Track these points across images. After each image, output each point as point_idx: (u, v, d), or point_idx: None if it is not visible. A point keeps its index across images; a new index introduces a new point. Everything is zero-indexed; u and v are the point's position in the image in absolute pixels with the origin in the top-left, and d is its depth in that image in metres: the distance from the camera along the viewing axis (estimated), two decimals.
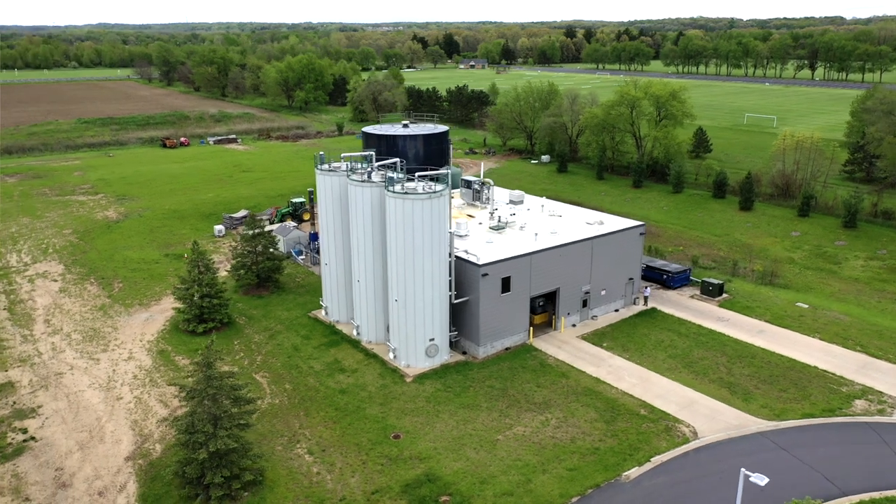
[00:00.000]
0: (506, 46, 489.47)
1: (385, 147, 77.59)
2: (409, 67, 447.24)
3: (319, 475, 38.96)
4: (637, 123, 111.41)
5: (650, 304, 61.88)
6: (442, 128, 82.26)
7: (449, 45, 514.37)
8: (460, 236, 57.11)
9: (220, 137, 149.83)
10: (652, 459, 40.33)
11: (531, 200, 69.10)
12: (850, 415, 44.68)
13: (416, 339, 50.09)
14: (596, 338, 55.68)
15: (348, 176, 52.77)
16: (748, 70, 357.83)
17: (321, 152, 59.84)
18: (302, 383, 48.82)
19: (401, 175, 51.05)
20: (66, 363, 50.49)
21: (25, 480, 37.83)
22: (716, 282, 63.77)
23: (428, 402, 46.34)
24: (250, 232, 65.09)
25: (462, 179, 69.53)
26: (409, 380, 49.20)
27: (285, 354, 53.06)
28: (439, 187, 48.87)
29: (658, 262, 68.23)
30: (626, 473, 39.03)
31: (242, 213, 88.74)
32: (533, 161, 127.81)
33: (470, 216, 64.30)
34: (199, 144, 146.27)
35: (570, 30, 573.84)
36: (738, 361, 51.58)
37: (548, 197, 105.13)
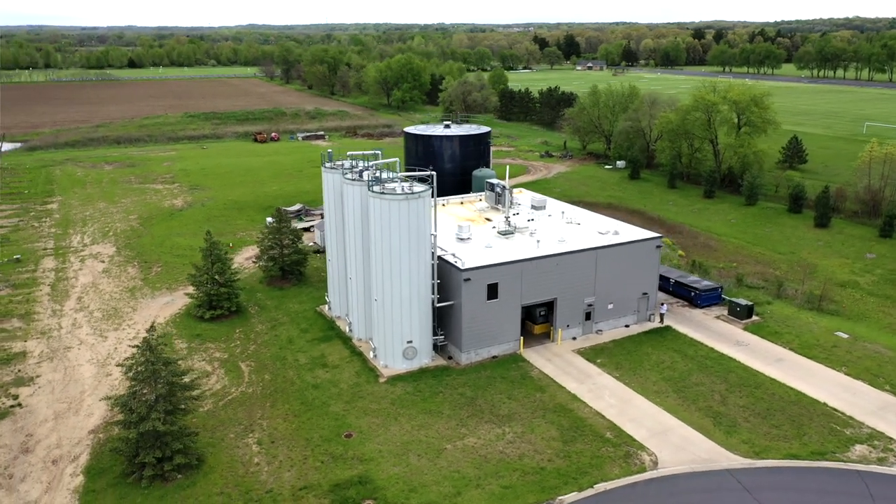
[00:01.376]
0: (627, 48, 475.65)
1: (421, 147, 78.10)
2: (524, 68, 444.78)
3: (258, 466, 39.73)
4: (714, 130, 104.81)
5: (666, 322, 58.22)
6: (483, 129, 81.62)
7: (570, 46, 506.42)
8: (462, 239, 56.26)
9: (308, 134, 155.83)
10: (595, 486, 38.01)
11: (554, 206, 66.82)
12: (842, 460, 40.02)
13: (393, 340, 49.88)
14: (592, 353, 53.07)
15: (343, 174, 53.33)
16: (893, 75, 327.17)
17: (329, 150, 60.83)
18: (281, 375, 49.93)
19: (390, 174, 50.97)
20: (78, 339, 54.47)
21: None
22: (744, 303, 58.97)
23: (392, 405, 46.04)
24: (276, 225, 67.31)
25: (486, 182, 68.35)
26: (382, 380, 49.09)
27: (278, 346, 54.46)
28: (419, 188, 48.37)
29: (689, 278, 64.02)
30: (560, 498, 37.02)
31: (297, 206, 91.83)
32: (607, 166, 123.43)
33: (487, 219, 63.13)
34: (288, 140, 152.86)
35: (699, 31, 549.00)
36: (738, 390, 47.47)
37: (610, 204, 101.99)
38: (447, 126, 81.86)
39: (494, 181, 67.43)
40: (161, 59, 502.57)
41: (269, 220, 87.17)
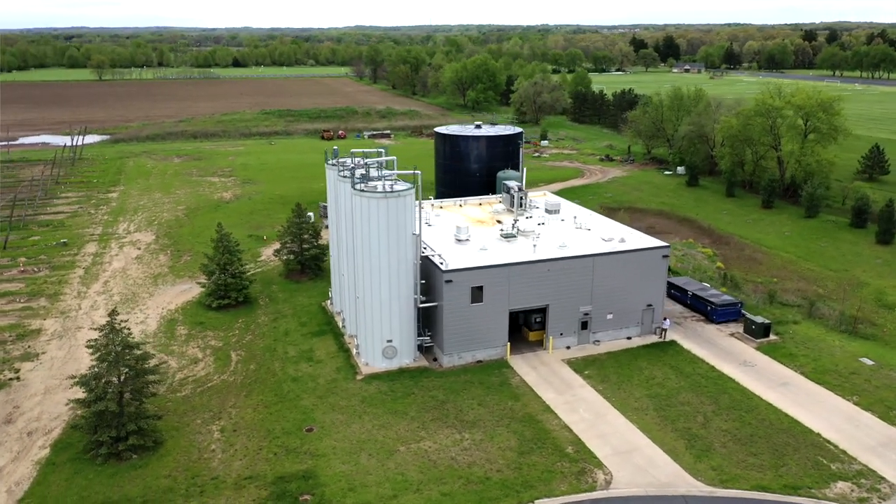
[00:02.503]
0: (729, 50, 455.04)
1: (449, 147, 77.76)
2: (617, 70, 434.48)
3: (213, 453, 40.65)
4: (778, 136, 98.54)
5: (674, 336, 55.20)
6: (514, 130, 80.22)
7: (668, 48, 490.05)
8: (460, 241, 55.52)
9: (375, 132, 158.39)
10: (536, 501, 36.55)
11: (568, 210, 64.73)
12: (816, 497, 36.67)
13: (373, 338, 49.85)
14: (582, 364, 51.08)
15: (338, 171, 53.77)
16: None
17: (335, 147, 61.42)
18: (266, 366, 50.93)
19: (379, 173, 50.89)
20: (91, 320, 57.60)
21: None
22: (760, 320, 55.14)
23: (361, 402, 46.01)
24: (296, 220, 68.77)
25: (503, 185, 67.11)
26: (359, 378, 49.16)
27: (273, 337, 55.58)
28: (401, 187, 48.09)
29: (709, 291, 60.52)
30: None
31: None
32: (667, 172, 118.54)
33: (498, 221, 61.99)
34: (354, 138, 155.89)
35: (810, 32, 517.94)
36: (726, 413, 44.42)
37: (661, 211, 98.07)
38: (478, 126, 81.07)
39: (510, 183, 66.13)
40: (264, 58, 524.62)
41: (309, 214, 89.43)
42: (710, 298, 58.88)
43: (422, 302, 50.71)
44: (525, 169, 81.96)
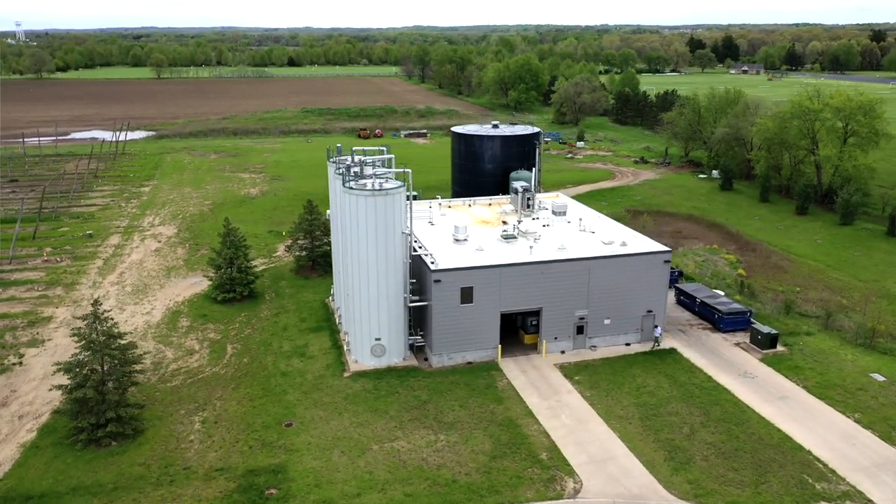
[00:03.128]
0: (791, 50, 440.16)
1: (464, 147, 77.30)
2: (672, 71, 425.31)
3: (190, 443, 41.31)
4: (815, 140, 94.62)
5: (675, 344, 53.58)
6: (532, 130, 79.21)
7: (727, 48, 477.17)
8: (458, 241, 55.09)
9: (411, 131, 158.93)
10: None
11: (576, 212, 63.47)
12: None
13: (362, 336, 49.92)
14: (574, 369, 50.02)
15: (336, 169, 54.01)
16: None
17: (339, 144, 61.68)
18: (259, 360, 51.53)
19: (373, 171, 50.88)
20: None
21: None
22: (766, 330, 53.02)
23: (344, 400, 46.10)
24: (308, 216, 69.47)
25: (511, 185, 66.28)
26: (346, 375, 49.27)
27: (271, 332, 56.22)
28: (390, 186, 47.97)
29: (718, 299, 58.50)
30: None
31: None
32: (701, 175, 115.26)
33: (504, 222, 61.25)
34: (391, 137, 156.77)
35: (879, 32, 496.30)
36: (714, 426, 42.82)
37: (691, 216, 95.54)
38: (495, 126, 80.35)
39: (518, 184, 65.29)
40: (318, 58, 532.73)
41: (329, 211, 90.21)
42: (718, 306, 56.92)
43: (412, 301, 50.56)
44: (541, 170, 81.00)
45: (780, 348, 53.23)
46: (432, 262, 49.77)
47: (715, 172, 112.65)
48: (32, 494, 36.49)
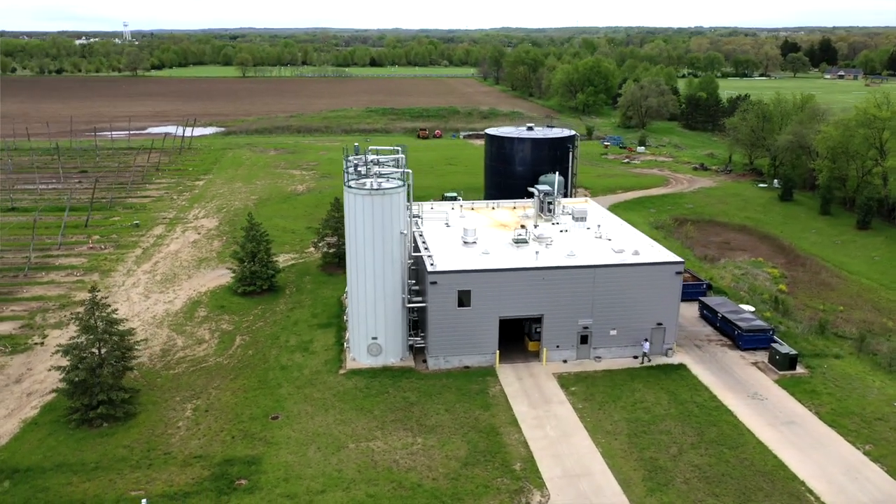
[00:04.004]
0: (894, 54, 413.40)
1: (496, 149, 76.75)
2: (762, 75, 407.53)
3: (177, 430, 42.56)
4: (885, 150, 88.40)
5: (685, 359, 51.27)
6: (567, 133, 77.69)
7: (824, 51, 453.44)
8: (467, 243, 54.56)
9: (470, 133, 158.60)
10: None
11: (597, 218, 61.62)
12: None
13: (359, 334, 50.17)
14: (573, 379, 48.59)
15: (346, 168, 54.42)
16: None
17: (356, 143, 62.02)
18: (263, 353, 52.56)
19: (378, 170, 51.03)
20: (127, 295, 62.10)
21: (4, 369, 48.98)
22: (785, 350, 49.96)
23: (334, 396, 46.45)
24: (335, 214, 70.44)
25: (536, 189, 65.04)
26: (342, 372, 49.61)
27: (281, 326, 57.29)
28: (389, 186, 47.96)
29: (741, 315, 55.53)
30: None
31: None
32: (762, 185, 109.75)
33: (522, 226, 60.23)
34: (449, 138, 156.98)
35: None
36: (705, 448, 40.68)
37: (744, 227, 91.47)
38: (530, 129, 79.28)
39: (540, 187, 64.04)
40: (399, 58, 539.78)
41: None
42: (738, 322, 54.04)
43: (410, 302, 50.44)
44: (576, 174, 79.47)
45: (800, 370, 50.06)
46: (432, 264, 49.53)
47: (776, 182, 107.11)
48: (20, 468, 38.51)
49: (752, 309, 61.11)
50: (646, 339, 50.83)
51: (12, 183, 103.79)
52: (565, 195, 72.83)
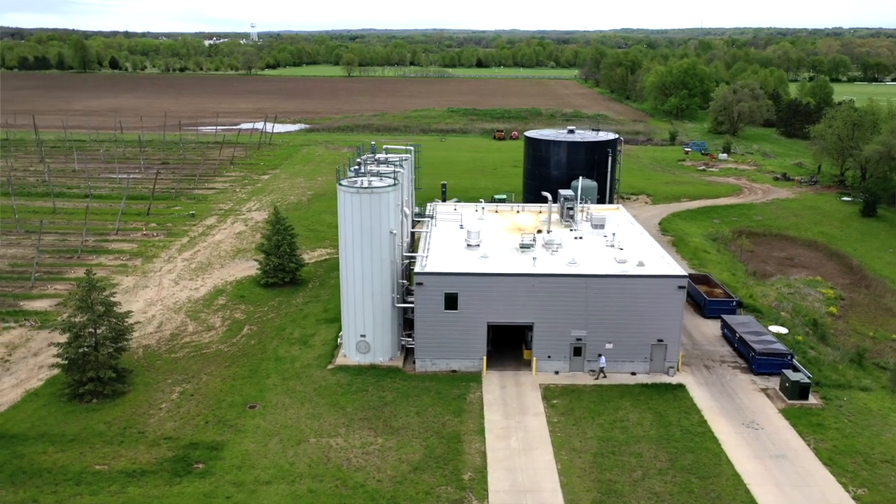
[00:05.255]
0: None
1: (532, 151, 75.19)
2: (894, 80, 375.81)
3: (159, 411, 44.49)
4: None
5: (680, 380, 48.19)
6: (608, 136, 74.84)
7: None
8: (470, 246, 53.82)
9: None
10: None
11: (616, 226, 58.93)
12: None
13: (349, 331, 50.55)
14: (559, 392, 46.78)
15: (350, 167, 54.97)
16: None
17: (373, 142, 62.25)
18: (263, 344, 53.99)
19: (376, 169, 51.20)
20: (159, 281, 65.57)
21: (28, 342, 52.97)
22: (795, 378, 45.89)
23: (315, 391, 47.05)
24: None
25: (560, 194, 63.07)
26: (330, 367, 50.17)
27: (291, 318, 58.64)
28: (380, 185, 47.97)
29: (763, 336, 51.50)
30: None
31: (454, 201, 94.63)
32: (846, 198, 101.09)
33: (539, 231, 58.77)
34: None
35: None
36: (673, 475, 38.09)
37: (814, 242, 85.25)
38: (570, 132, 76.98)
39: (564, 192, 62.09)
40: (506, 59, 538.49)
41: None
42: (753, 344, 50.17)
43: (401, 301, 50.30)
44: (618, 179, 76.48)
45: (812, 400, 45.85)
46: (423, 265, 49.21)
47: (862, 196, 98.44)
48: (6, 434, 41.52)
49: (785, 331, 56.75)
50: (600, 355, 48.56)
51: (99, 172, 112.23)
52: (600, 201, 70.22)
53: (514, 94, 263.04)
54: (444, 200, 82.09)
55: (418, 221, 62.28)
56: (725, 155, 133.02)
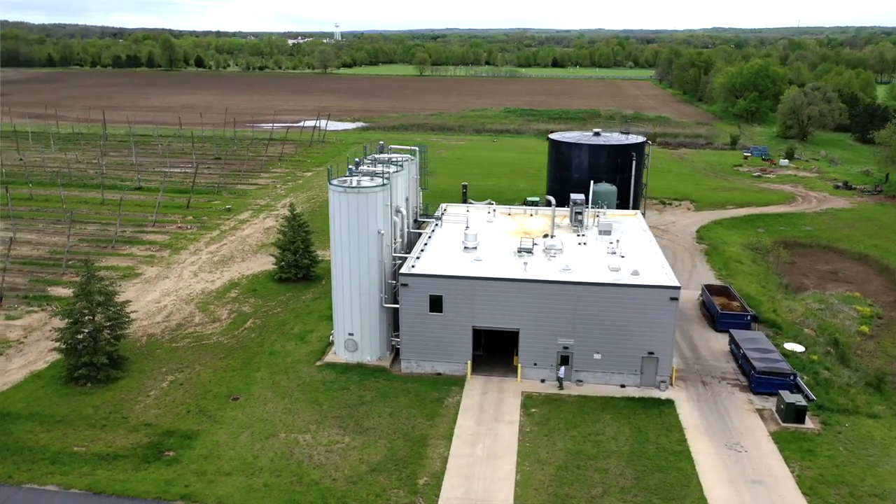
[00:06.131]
0: None
1: (555, 154, 73.79)
2: None
3: (147, 398, 46.06)
4: None
5: (669, 395, 46.15)
6: (635, 139, 72.52)
7: None
8: (468, 248, 53.32)
9: None
10: None
11: (622, 233, 56.99)
12: None
13: (338, 329, 50.93)
14: (540, 401, 45.69)
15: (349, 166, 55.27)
16: None
17: (381, 142, 62.30)
18: (262, 337, 55.01)
19: (368, 167, 51.36)
20: (178, 273, 67.93)
21: (44, 326, 55.93)
22: (791, 400, 43.20)
23: (298, 386, 47.66)
24: None
25: (571, 199, 61.58)
26: (318, 364, 50.69)
27: (294, 314, 59.58)
28: (368, 184, 48.10)
29: (769, 354, 48.69)
30: None
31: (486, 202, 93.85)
32: None
33: (545, 235, 57.64)
34: None
35: None
36: (634, 494, 36.59)
37: (864, 256, 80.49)
38: (596, 134, 75.01)
39: (575, 196, 60.59)
40: (583, 59, 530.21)
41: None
42: (755, 362, 47.51)
43: (389, 302, 50.31)
44: (646, 184, 74.06)
45: (809, 424, 43.05)
46: (412, 266, 49.09)
47: None
48: (1, 412, 44.00)
49: (801, 349, 53.62)
50: (561, 364, 47.19)
51: (154, 165, 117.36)
52: (622, 206, 68.15)
53: (582, 95, 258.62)
54: (464, 202, 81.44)
55: (423, 222, 62.13)
56: (787, 161, 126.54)
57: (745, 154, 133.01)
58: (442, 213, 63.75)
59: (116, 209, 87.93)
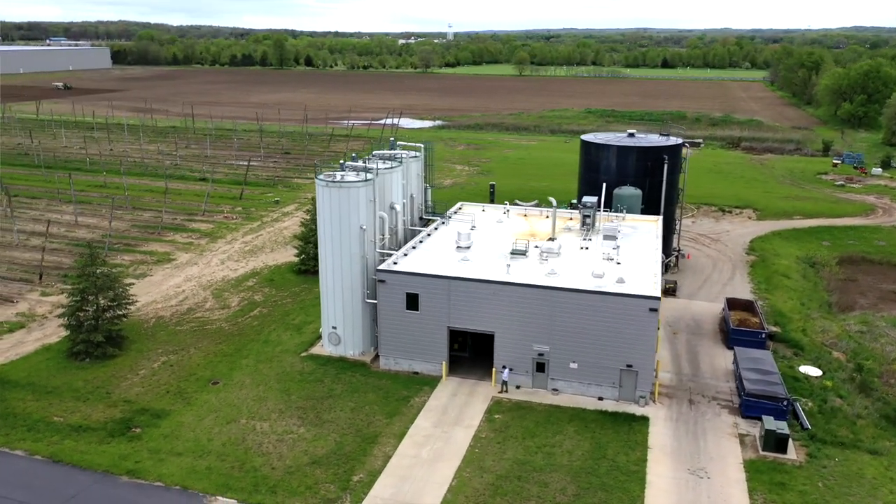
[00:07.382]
0: None
1: (585, 155, 71.34)
2: None
3: (136, 377, 48.32)
4: None
5: (643, 412, 43.35)
6: (671, 142, 68.64)
7: None
8: (461, 247, 52.51)
9: (686, 140, 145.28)
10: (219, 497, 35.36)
11: (627, 239, 54.06)
12: None
13: (324, 322, 51.48)
14: (508, 407, 44.31)
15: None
16: None
17: (392, 138, 62.00)
18: (262, 326, 56.42)
19: (360, 164, 51.50)
20: (207, 261, 70.82)
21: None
22: (772, 428, 39.57)
23: (275, 375, 48.59)
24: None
25: (580, 204, 59.15)
26: (303, 355, 51.47)
27: (300, 305, 60.73)
28: (352, 180, 48.25)
29: (767, 377, 44.82)
30: (214, 497, 35.98)
31: (532, 202, 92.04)
32: None
33: (551, 238, 55.85)
34: None
35: None
36: None
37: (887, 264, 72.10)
38: (631, 135, 71.64)
39: (587, 198, 58.24)
40: (696, 59, 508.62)
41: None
42: (747, 383, 43.88)
43: (370, 297, 50.29)
44: (682, 188, 70.05)
45: (791, 455, 39.31)
46: (394, 262, 48.90)
47: None
48: (3, 380, 47.52)
49: (818, 373, 49.16)
50: (505, 367, 45.84)
51: (226, 158, 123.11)
52: (650, 211, 64.69)
53: (681, 97, 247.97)
54: (491, 202, 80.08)
55: (429, 219, 61.71)
56: (880, 170, 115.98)
57: (836, 161, 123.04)
58: (454, 212, 63.04)
59: (175, 198, 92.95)
